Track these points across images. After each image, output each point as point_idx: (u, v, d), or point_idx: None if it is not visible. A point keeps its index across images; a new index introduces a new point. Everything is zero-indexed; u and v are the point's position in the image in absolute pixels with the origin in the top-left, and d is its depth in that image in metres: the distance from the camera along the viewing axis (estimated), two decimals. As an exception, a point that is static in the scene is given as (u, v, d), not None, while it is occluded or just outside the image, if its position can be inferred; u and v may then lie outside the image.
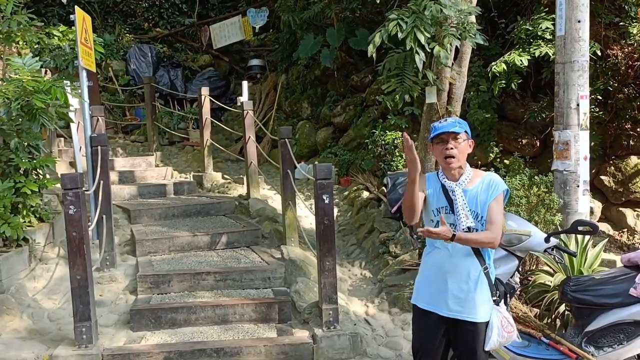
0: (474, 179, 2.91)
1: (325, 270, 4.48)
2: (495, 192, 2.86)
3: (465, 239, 2.76)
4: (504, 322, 2.89)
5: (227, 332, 4.60)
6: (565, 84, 4.67)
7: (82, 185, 4.36)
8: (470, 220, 2.84)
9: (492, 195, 2.84)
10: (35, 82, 4.53)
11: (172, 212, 7.03)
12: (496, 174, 2.97)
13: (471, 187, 2.89)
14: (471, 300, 2.85)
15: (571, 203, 4.71)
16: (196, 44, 13.13)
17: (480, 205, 2.86)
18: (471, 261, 2.87)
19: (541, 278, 4.45)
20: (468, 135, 2.90)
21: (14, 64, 4.74)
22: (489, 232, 2.80)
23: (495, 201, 2.83)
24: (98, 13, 13.15)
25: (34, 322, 4.74)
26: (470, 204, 2.86)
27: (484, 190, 2.88)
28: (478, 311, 2.86)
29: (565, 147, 4.66)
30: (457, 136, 2.83)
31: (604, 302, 3.47)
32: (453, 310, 2.87)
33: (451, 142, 2.82)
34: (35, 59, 4.79)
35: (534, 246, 3.54)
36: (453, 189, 2.87)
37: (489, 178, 2.93)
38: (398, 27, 4.56)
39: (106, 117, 11.20)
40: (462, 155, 2.87)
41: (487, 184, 2.89)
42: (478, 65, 7.17)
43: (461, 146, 2.85)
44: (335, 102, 9.06)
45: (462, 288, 2.85)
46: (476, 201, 2.87)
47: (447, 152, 2.83)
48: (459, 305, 2.86)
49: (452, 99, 5.47)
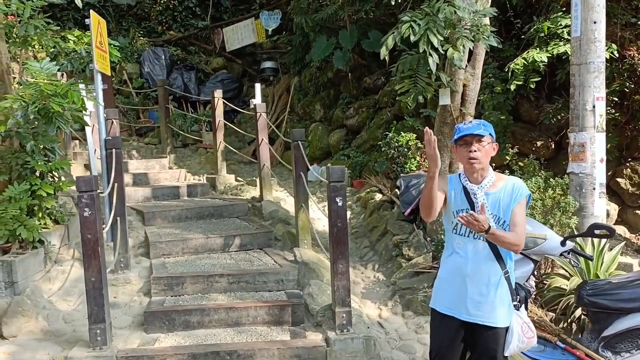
0: (496, 183, 2.89)
1: (339, 273, 4.46)
2: (519, 197, 2.84)
3: (497, 235, 2.71)
4: (524, 328, 2.87)
5: (240, 335, 4.60)
6: (580, 86, 4.62)
7: (97, 187, 4.39)
8: (493, 224, 2.80)
9: (515, 200, 2.82)
10: (52, 86, 4.57)
11: (186, 214, 7.06)
12: (519, 179, 2.96)
13: (494, 191, 2.86)
14: (491, 304, 2.83)
15: (587, 206, 4.66)
16: (209, 47, 13.20)
17: (503, 210, 2.84)
18: (492, 265, 2.85)
19: (557, 282, 4.40)
20: (492, 138, 2.88)
21: (32, 67, 4.79)
22: (515, 234, 2.78)
23: (519, 205, 2.82)
24: (113, 17, 13.27)
25: (49, 323, 4.77)
26: (492, 208, 2.84)
27: (507, 194, 2.85)
28: (498, 316, 2.84)
29: (581, 150, 4.61)
30: (481, 139, 2.81)
31: (621, 306, 3.42)
32: (472, 315, 2.85)
33: (475, 145, 2.80)
34: (52, 63, 4.83)
35: (550, 250, 3.50)
36: (475, 191, 2.85)
37: (512, 182, 2.90)
38: (411, 29, 4.55)
39: (120, 120, 11.31)
40: (485, 157, 2.84)
41: (510, 188, 2.87)
42: (493, 66, 7.14)
43: (485, 149, 2.83)
44: (348, 104, 9.05)
45: (482, 292, 2.83)
46: (499, 205, 2.85)
47: (470, 155, 2.80)
48: (478, 310, 2.84)
49: (466, 101, 5.44)
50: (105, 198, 5.48)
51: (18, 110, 4.65)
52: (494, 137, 2.89)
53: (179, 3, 13.61)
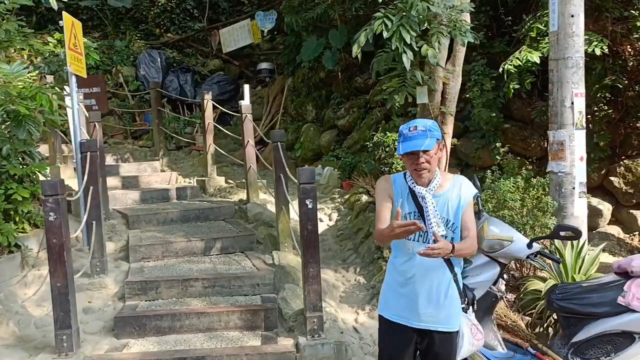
0: (443, 184, 2.76)
1: (310, 277, 4.36)
2: (468, 197, 2.72)
3: (459, 249, 2.59)
4: (474, 330, 2.77)
5: (211, 340, 4.51)
6: (558, 82, 4.47)
7: (64, 191, 4.32)
8: (442, 229, 2.67)
9: (465, 201, 2.69)
10: (19, 89, 4.52)
11: (171, 217, 6.98)
12: (465, 178, 2.82)
13: (441, 193, 2.73)
14: (442, 309, 2.72)
15: (567, 206, 4.50)
16: (206, 49, 13.15)
17: (453, 212, 2.71)
18: (441, 270, 2.73)
19: (534, 285, 4.26)
20: (439, 140, 2.70)
21: (2, 70, 4.74)
22: (469, 240, 2.67)
23: (468, 207, 2.71)
24: (110, 20, 13.28)
25: (19, 329, 4.71)
26: (441, 211, 2.71)
27: (455, 195, 2.72)
28: (449, 320, 2.73)
29: (560, 148, 4.46)
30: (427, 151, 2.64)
31: (591, 311, 3.28)
32: (424, 321, 2.73)
33: (422, 156, 2.63)
34: (23, 65, 4.78)
35: (516, 252, 3.37)
36: (423, 195, 2.70)
37: (459, 182, 2.78)
38: (384, 25, 4.43)
39: (116, 123, 11.33)
40: (434, 164, 2.70)
41: (458, 189, 2.74)
42: (482, 64, 6.98)
43: (433, 157, 2.67)
44: (339, 104, 8.94)
45: (433, 298, 2.71)
46: (447, 207, 2.71)
47: (416, 167, 2.66)
48: (429, 316, 2.72)
49: (446, 99, 5.31)
50: (81, 201, 5.42)
51: (-13, 114, 4.60)
52: (440, 139, 2.71)
53: (177, 5, 13.58)
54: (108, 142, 10.89)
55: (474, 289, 3.42)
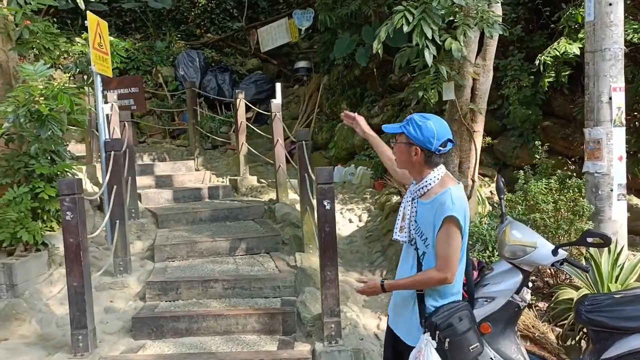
0: (431, 193, 2.48)
1: (327, 281, 4.20)
2: (439, 218, 2.40)
3: (398, 285, 2.53)
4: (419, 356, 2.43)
5: (228, 344, 4.42)
6: (595, 75, 4.14)
7: (81, 191, 4.32)
8: (404, 234, 2.55)
9: (436, 221, 2.41)
10: (40, 88, 4.55)
11: (200, 216, 6.97)
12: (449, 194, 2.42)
13: (427, 200, 2.49)
14: (407, 320, 2.58)
15: (604, 209, 4.16)
16: (245, 48, 13.17)
17: (427, 224, 2.47)
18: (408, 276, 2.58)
19: (566, 293, 3.95)
20: (410, 138, 2.45)
21: (25, 70, 4.80)
22: (430, 271, 2.44)
23: (441, 230, 2.39)
24: (152, 22, 13.48)
25: (41, 327, 4.76)
26: (420, 219, 2.51)
27: (430, 209, 2.46)
28: (411, 333, 2.57)
29: (596, 146, 4.13)
30: (396, 135, 2.54)
31: (622, 325, 2.98)
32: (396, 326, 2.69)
33: (393, 140, 2.60)
34: (46, 65, 4.82)
35: (539, 259, 3.11)
36: (407, 193, 2.61)
37: (440, 198, 2.43)
38: (404, 20, 4.22)
39: (156, 123, 11.47)
40: (400, 157, 2.54)
41: (435, 204, 2.44)
42: (519, 58, 6.64)
43: (397, 147, 2.54)
44: (373, 102, 8.73)
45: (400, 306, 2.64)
46: (423, 218, 2.50)
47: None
48: (398, 322, 2.67)
49: (476, 95, 5.04)
50: (105, 201, 5.43)
51: (10, 114, 4.65)
52: (411, 138, 2.44)
53: (217, 5, 13.67)
54: (147, 141, 11.06)
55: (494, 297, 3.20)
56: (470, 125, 5.01)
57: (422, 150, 2.44)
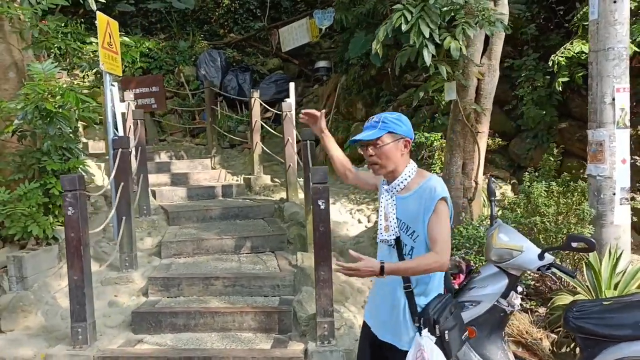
0: (412, 184, 2.47)
1: (321, 281, 4.19)
2: (431, 203, 2.37)
3: (398, 269, 2.36)
4: (420, 356, 2.37)
5: (223, 341, 4.46)
6: (598, 76, 4.02)
7: (83, 187, 4.41)
8: (391, 233, 2.46)
9: (427, 207, 2.37)
10: (46, 86, 4.66)
11: (211, 214, 7.04)
12: (437, 179, 2.46)
13: (406, 194, 2.46)
14: (395, 322, 2.49)
15: (605, 213, 4.04)
16: (267, 48, 13.24)
17: (412, 217, 2.42)
18: (396, 278, 2.47)
19: (562, 299, 3.85)
20: (396, 134, 2.42)
21: (34, 68, 4.92)
22: (431, 254, 2.35)
23: (433, 215, 2.36)
24: (176, 22, 13.67)
25: (46, 319, 4.88)
26: (401, 214, 2.46)
27: (419, 199, 2.42)
28: (401, 336, 2.47)
29: (598, 149, 4.01)
30: (376, 141, 2.41)
31: (610, 333, 2.89)
32: (381, 330, 2.56)
33: (370, 149, 2.43)
34: (54, 63, 4.94)
35: (525, 263, 3.05)
36: (382, 193, 2.54)
37: (427, 185, 2.42)
38: (403, 18, 4.17)
39: (177, 122, 11.63)
40: (387, 160, 2.43)
41: (420, 192, 2.42)
42: (533, 58, 6.51)
43: (383, 151, 2.42)
44: (388, 102, 8.66)
45: (387, 308, 2.52)
46: (407, 212, 2.45)
47: (369, 160, 2.47)
48: (384, 325, 2.54)
49: (481, 96, 4.96)
50: (112, 198, 5.54)
51: (19, 111, 4.78)
52: (399, 132, 2.42)
53: (240, 5, 13.78)
54: (167, 139, 11.23)
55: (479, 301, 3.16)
56: (475, 126, 4.93)
57: (408, 142, 2.47)
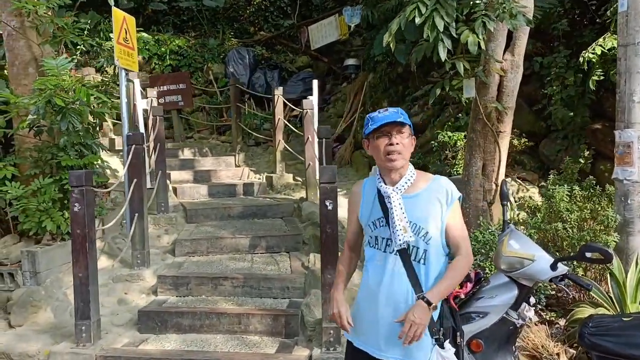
0: (417, 184, 2.34)
1: (327, 285, 4.02)
2: (450, 202, 2.30)
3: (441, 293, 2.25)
4: None
5: (228, 343, 4.34)
6: (627, 72, 3.73)
7: (90, 183, 4.36)
8: (410, 234, 2.25)
9: (447, 207, 2.29)
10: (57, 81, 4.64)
11: (229, 212, 6.96)
12: (445, 178, 2.37)
13: (413, 194, 2.31)
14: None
15: (633, 220, 3.75)
16: (296, 46, 13.12)
17: (423, 217, 2.27)
18: (408, 289, 2.27)
19: (583, 311, 3.59)
20: (412, 130, 2.35)
21: (47, 64, 4.91)
22: (460, 260, 2.29)
23: (454, 214, 2.31)
24: (208, 20, 13.69)
25: (55, 315, 4.87)
26: (409, 214, 2.28)
27: (429, 199, 2.29)
28: (414, 353, 2.25)
29: (626, 151, 3.72)
30: (402, 129, 2.28)
31: (629, 352, 2.64)
32: (384, 351, 2.29)
33: (396, 136, 2.26)
34: (68, 59, 4.92)
35: (537, 273, 2.80)
36: (389, 194, 2.30)
37: (437, 184, 2.33)
38: (417, 11, 3.97)
39: (205, 119, 11.64)
40: (407, 152, 2.30)
41: (434, 192, 2.30)
42: (564, 55, 6.17)
43: (406, 141, 2.29)
44: (414, 100, 8.42)
45: (394, 323, 2.25)
46: (419, 211, 2.28)
47: (390, 148, 2.26)
48: (392, 345, 2.27)
49: (503, 93, 4.70)
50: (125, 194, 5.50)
51: (32, 106, 4.77)
52: (412, 130, 2.34)
53: (271, 3, 13.72)
54: (194, 137, 11.23)
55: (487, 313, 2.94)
56: (496, 125, 4.68)
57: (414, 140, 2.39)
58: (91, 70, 8.88)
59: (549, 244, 4.07)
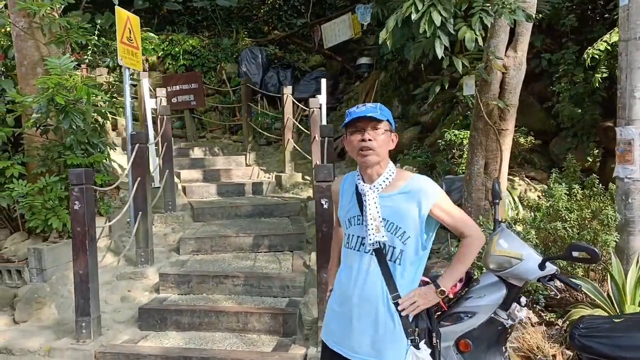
0: (396, 183, 2.28)
1: (323, 284, 4.02)
2: (432, 200, 2.23)
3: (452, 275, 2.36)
4: None
5: (226, 341, 4.36)
6: (627, 67, 3.63)
7: (90, 181, 4.41)
8: (382, 234, 2.21)
9: (424, 206, 2.22)
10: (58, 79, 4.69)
11: (236, 211, 6.98)
12: (424, 177, 2.31)
13: (390, 193, 2.26)
14: (381, 340, 2.21)
15: (634, 220, 3.65)
16: (309, 45, 13.11)
17: (400, 217, 2.23)
18: (381, 289, 2.23)
19: (580, 312, 3.50)
20: (391, 126, 2.28)
21: (50, 63, 4.98)
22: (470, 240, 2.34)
23: (446, 207, 2.30)
24: (222, 19, 13.76)
25: (59, 312, 4.93)
26: (386, 214, 2.24)
27: (407, 198, 2.24)
28: (389, 354, 2.21)
29: (627, 148, 3.62)
30: (377, 125, 2.22)
31: (617, 355, 2.57)
32: (359, 353, 2.24)
33: (369, 132, 2.21)
34: (71, 58, 4.97)
35: (525, 273, 2.75)
36: (365, 192, 2.26)
37: (416, 183, 2.26)
38: (413, 7, 3.93)
39: (217, 119, 11.70)
40: (381, 149, 2.24)
41: (410, 191, 2.24)
42: (573, 51, 6.05)
43: (381, 138, 2.22)
44: (424, 99, 8.33)
45: (369, 325, 2.23)
46: (395, 211, 2.24)
47: (362, 144, 2.21)
48: (365, 346, 2.23)
49: (506, 90, 4.61)
50: (130, 193, 5.55)
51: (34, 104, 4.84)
52: (393, 125, 2.28)
53: (284, 2, 13.73)
54: (206, 136, 11.30)
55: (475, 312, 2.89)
56: (498, 123, 4.60)
57: (395, 137, 2.34)
58: (103, 70, 8.99)
59: (550, 244, 4.00)
